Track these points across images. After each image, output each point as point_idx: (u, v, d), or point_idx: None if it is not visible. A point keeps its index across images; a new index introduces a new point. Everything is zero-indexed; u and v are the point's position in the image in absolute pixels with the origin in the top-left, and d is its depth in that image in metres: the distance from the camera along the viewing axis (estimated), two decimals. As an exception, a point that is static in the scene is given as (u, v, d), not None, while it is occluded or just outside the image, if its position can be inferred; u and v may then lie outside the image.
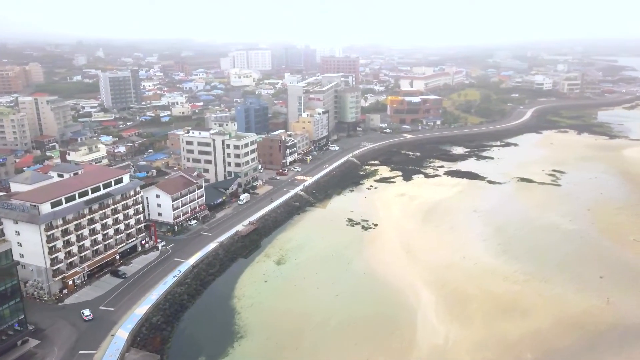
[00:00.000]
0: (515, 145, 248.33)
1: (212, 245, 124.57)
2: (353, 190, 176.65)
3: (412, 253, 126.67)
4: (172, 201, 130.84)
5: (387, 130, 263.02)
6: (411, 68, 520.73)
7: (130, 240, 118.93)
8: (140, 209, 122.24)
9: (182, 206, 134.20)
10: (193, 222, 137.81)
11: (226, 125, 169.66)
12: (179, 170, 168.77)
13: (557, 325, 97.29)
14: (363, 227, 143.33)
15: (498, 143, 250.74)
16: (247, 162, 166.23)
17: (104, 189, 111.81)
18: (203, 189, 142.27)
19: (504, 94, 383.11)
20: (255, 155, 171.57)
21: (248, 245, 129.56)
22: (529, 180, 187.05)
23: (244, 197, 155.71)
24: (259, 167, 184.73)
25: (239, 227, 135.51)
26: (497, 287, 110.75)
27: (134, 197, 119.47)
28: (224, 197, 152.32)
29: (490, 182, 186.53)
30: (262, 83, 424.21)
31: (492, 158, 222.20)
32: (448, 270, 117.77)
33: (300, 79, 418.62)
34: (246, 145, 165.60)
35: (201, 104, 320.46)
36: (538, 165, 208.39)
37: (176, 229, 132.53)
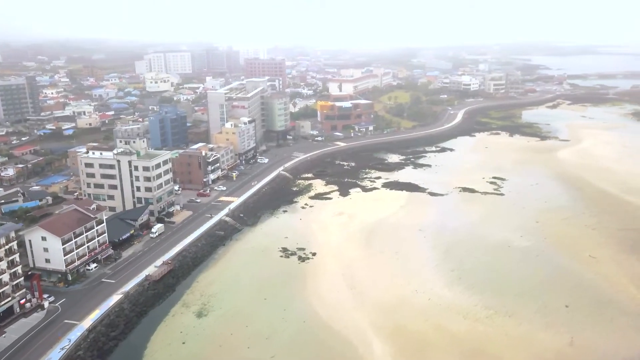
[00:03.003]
0: (451, 150, 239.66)
1: (116, 298, 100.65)
2: (286, 211, 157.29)
3: (358, 289, 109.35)
4: (63, 244, 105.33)
5: (319, 138, 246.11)
6: (339, 70, 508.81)
7: (4, 302, 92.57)
8: (17, 259, 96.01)
9: (77, 248, 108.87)
10: (92, 265, 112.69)
11: (134, 142, 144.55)
12: (78, 199, 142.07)
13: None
14: (300, 257, 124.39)
15: (433, 148, 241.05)
16: (160, 186, 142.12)
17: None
18: (104, 224, 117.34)
19: (433, 95, 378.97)
20: (169, 176, 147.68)
21: (162, 293, 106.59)
22: (472, 190, 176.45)
23: (157, 228, 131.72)
24: (176, 188, 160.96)
25: (151, 270, 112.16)
26: (458, 327, 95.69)
27: (8, 246, 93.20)
28: (132, 231, 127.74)
29: (431, 193, 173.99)
30: (181, 88, 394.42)
31: (429, 166, 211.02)
32: (401, 310, 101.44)
33: (224, 82, 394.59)
34: (158, 165, 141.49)
35: (112, 113, 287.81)
36: (477, 172, 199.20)
37: (69, 277, 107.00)
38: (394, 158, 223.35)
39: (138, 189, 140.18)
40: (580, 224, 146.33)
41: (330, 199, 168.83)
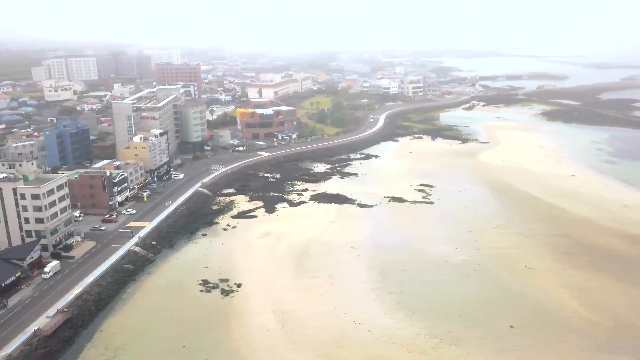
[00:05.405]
0: (376, 156, 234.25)
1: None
2: (206, 235, 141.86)
3: (291, 326, 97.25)
4: None
5: (240, 149, 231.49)
6: (257, 74, 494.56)
7: None
8: None
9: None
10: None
11: (20, 165, 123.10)
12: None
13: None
14: (223, 291, 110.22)
15: (358, 155, 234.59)
16: (54, 215, 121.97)
17: None
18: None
19: (354, 100, 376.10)
20: (66, 202, 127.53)
21: (55, 351, 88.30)
22: (401, 200, 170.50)
23: (52, 266, 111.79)
24: (77, 215, 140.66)
25: (42, 321, 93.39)
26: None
27: None
28: (18, 273, 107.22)
29: (360, 205, 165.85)
30: (86, 96, 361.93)
31: (356, 174, 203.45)
32: (340, 347, 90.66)
33: (134, 89, 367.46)
34: (51, 191, 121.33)
35: (3, 126, 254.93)
36: (404, 179, 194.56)
37: None
38: (319, 167, 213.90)
39: (27, 220, 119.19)
40: (512, 231, 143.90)
41: (255, 217, 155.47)
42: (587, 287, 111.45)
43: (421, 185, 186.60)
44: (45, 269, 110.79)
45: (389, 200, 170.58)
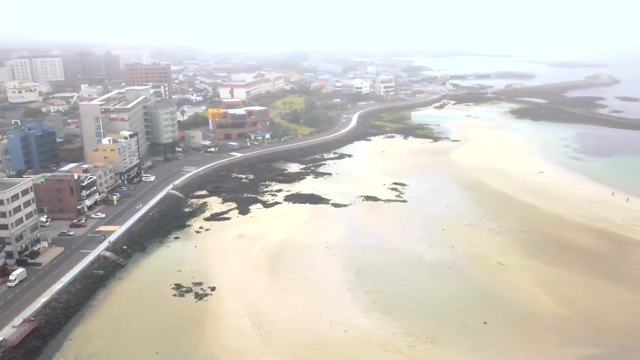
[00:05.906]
0: (349, 156, 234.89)
1: (-44, 378, 78.39)
2: (179, 238, 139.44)
3: (266, 329, 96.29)
4: None
5: (212, 150, 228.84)
6: (229, 74, 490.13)
7: None
8: None
9: None
10: None
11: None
12: None
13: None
14: (197, 294, 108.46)
15: (332, 155, 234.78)
16: (19, 221, 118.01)
17: None
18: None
19: (326, 99, 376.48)
20: (32, 207, 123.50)
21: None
22: (374, 199, 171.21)
23: (17, 274, 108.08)
24: (44, 220, 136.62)
25: (7, 332, 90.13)
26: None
27: None
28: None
29: (335, 205, 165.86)
30: (52, 97, 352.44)
31: (330, 174, 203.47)
32: (316, 350, 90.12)
33: (102, 90, 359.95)
34: (16, 196, 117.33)
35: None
36: (377, 178, 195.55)
37: None
38: (293, 167, 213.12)
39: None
40: (484, 228, 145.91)
41: (228, 219, 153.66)
42: (558, 283, 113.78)
43: (394, 184, 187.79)
44: (11, 277, 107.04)
45: (363, 200, 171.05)
